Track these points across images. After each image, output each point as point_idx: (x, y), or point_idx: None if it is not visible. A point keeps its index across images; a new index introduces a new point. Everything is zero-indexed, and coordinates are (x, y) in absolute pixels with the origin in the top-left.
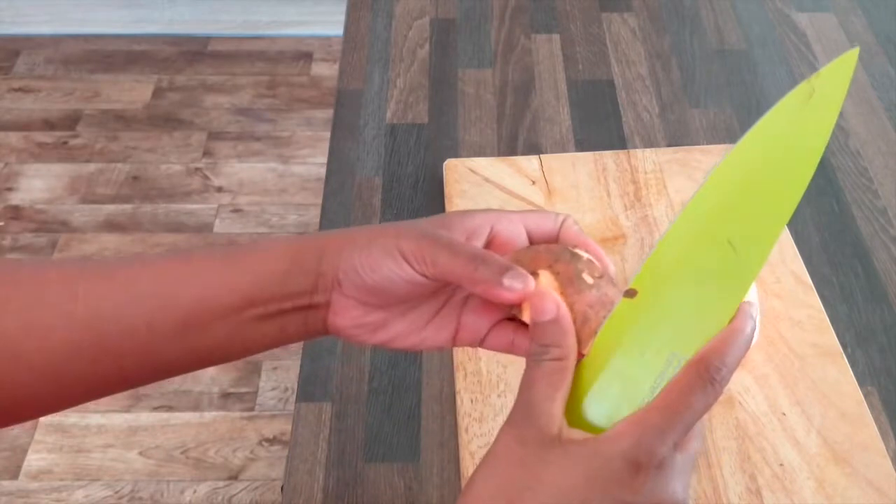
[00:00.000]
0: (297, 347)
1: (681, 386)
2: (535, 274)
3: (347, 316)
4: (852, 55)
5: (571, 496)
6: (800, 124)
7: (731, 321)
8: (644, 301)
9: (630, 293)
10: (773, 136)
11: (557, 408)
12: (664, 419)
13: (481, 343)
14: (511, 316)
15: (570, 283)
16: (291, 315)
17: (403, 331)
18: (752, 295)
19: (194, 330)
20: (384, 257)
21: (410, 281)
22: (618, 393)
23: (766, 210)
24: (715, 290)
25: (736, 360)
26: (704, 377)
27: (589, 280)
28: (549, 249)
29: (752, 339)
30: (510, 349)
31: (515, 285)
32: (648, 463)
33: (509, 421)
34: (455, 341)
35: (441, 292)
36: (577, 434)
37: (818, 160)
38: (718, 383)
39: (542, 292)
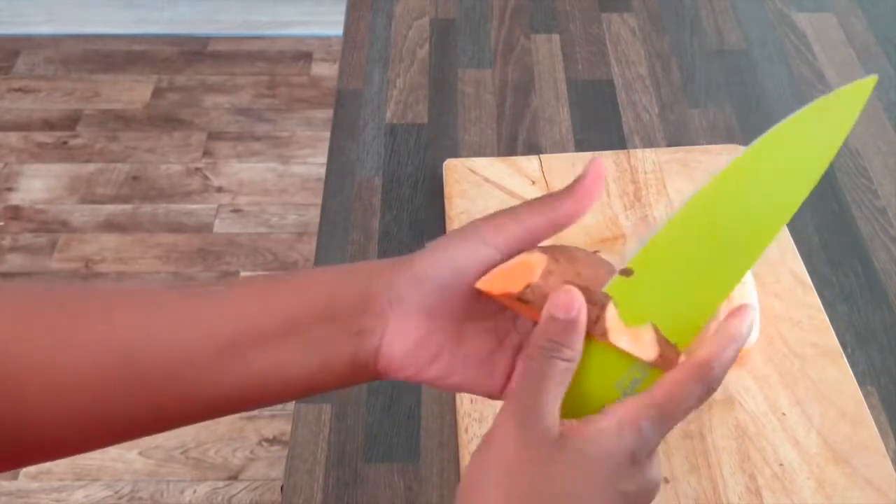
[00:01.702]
0: None
1: (680, 385)
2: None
3: (404, 340)
4: (870, 81)
5: (581, 494)
6: (810, 138)
7: (729, 322)
8: (637, 281)
9: (626, 272)
10: (783, 144)
11: (558, 409)
12: (662, 415)
13: None
14: None
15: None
16: (338, 344)
17: (457, 365)
18: (752, 295)
19: (234, 359)
20: (452, 245)
21: (480, 261)
22: (605, 372)
23: (765, 212)
24: (706, 281)
25: (731, 363)
26: (704, 380)
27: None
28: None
29: (743, 343)
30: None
31: (588, 174)
32: (644, 454)
33: (512, 410)
34: (507, 389)
35: (497, 328)
36: (569, 425)
37: (821, 174)
38: (713, 384)
39: (569, 289)
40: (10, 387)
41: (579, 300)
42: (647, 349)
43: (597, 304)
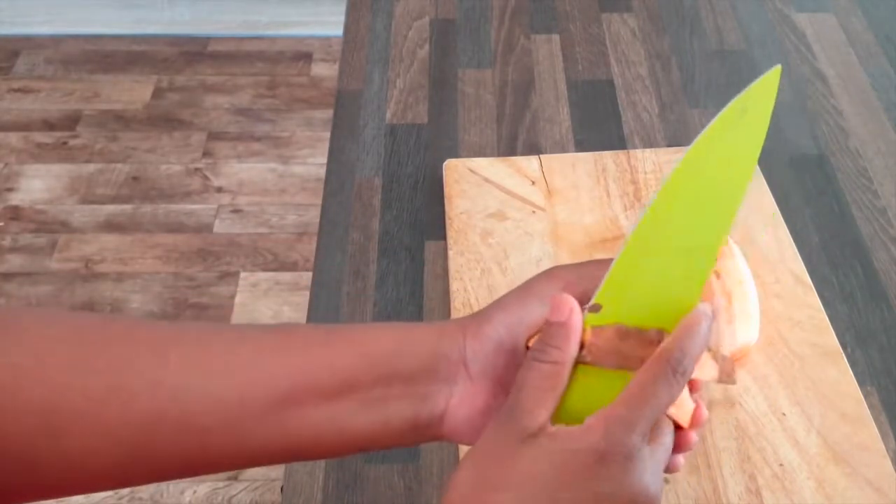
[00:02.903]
0: None
1: (645, 378)
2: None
3: (472, 406)
4: (776, 73)
5: (541, 489)
6: (736, 138)
7: (686, 317)
8: (607, 314)
9: (594, 308)
10: (712, 150)
11: (543, 410)
12: (630, 410)
13: None
14: None
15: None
16: (399, 405)
17: None
18: (752, 295)
19: (289, 411)
20: (519, 306)
21: (540, 320)
22: (594, 394)
23: (712, 216)
24: (672, 295)
25: (695, 352)
26: (667, 368)
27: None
28: None
29: (707, 335)
30: None
31: None
32: (617, 452)
33: (496, 416)
34: None
35: None
36: (554, 429)
37: (753, 168)
38: (681, 374)
39: (562, 296)
40: (58, 427)
41: (570, 304)
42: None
43: (652, 342)
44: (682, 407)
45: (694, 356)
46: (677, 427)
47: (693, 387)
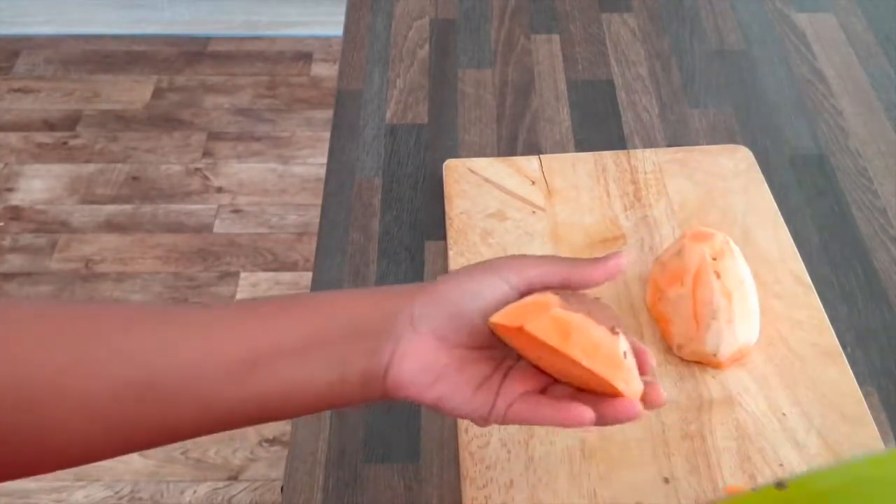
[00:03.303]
0: None
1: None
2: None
3: (414, 360)
4: None
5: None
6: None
7: None
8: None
9: (780, 485)
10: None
11: None
12: None
13: (506, 411)
14: (544, 388)
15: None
16: (355, 360)
17: (456, 388)
18: (753, 296)
19: (252, 371)
20: (476, 278)
21: (497, 297)
22: None
23: None
24: None
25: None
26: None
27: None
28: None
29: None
30: (532, 417)
31: (612, 258)
32: None
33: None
34: (491, 413)
35: (494, 356)
36: None
37: None
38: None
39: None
40: (28, 399)
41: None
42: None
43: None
44: (631, 384)
45: None
46: (615, 394)
47: (643, 369)
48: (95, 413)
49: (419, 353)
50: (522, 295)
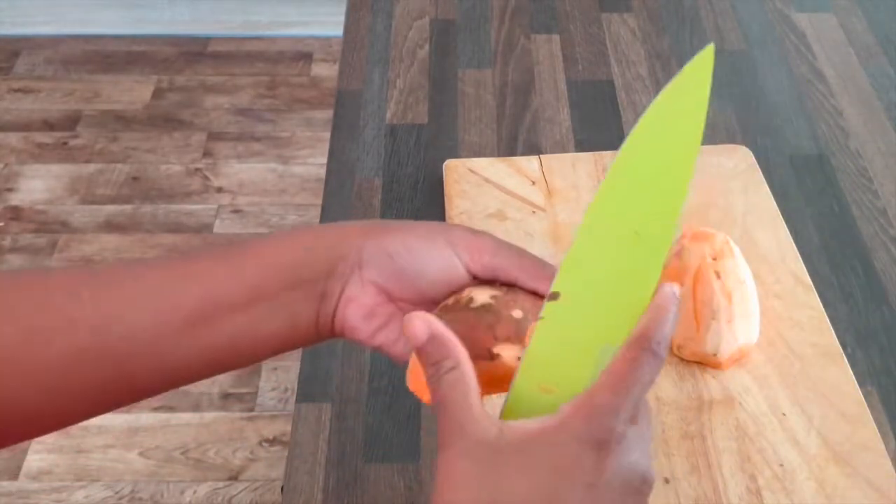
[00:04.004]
0: None
1: (626, 361)
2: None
3: (359, 306)
4: (709, 50)
5: (539, 493)
6: (676, 119)
7: (655, 295)
8: (567, 302)
9: (553, 296)
10: (654, 133)
11: (479, 411)
12: (615, 394)
13: None
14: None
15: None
16: (304, 307)
17: (398, 337)
18: (753, 295)
19: (202, 327)
20: (429, 243)
21: (445, 270)
22: (559, 389)
23: (662, 196)
24: (631, 279)
25: (669, 332)
26: (647, 350)
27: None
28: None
29: (677, 314)
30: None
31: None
32: (609, 440)
33: (442, 446)
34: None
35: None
36: (519, 425)
37: (698, 148)
38: (660, 354)
39: (409, 316)
40: None
41: (422, 319)
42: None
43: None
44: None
45: (669, 335)
46: None
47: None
48: (52, 383)
49: (364, 300)
50: (470, 275)
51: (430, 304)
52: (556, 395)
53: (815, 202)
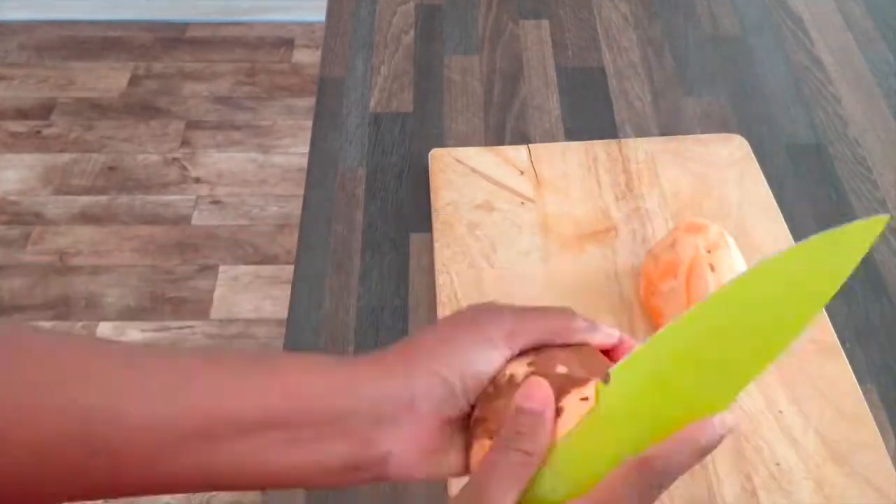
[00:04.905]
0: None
1: (617, 484)
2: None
3: (420, 446)
4: (881, 220)
5: None
6: (813, 270)
7: (690, 428)
8: (615, 390)
9: (605, 378)
10: (784, 272)
11: (509, 499)
12: None
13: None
14: None
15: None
16: (336, 444)
17: (459, 458)
18: None
19: (205, 443)
20: (471, 349)
21: (495, 365)
22: (568, 486)
23: (756, 344)
24: (686, 407)
25: (682, 468)
26: (644, 480)
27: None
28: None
29: (705, 453)
30: None
31: (610, 331)
32: None
33: (459, 499)
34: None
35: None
36: None
37: (821, 309)
38: (657, 489)
39: (538, 381)
40: None
41: (546, 392)
42: None
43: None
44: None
45: (680, 473)
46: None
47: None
48: (31, 462)
49: (425, 439)
50: (508, 357)
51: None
52: (565, 481)
53: (813, 192)
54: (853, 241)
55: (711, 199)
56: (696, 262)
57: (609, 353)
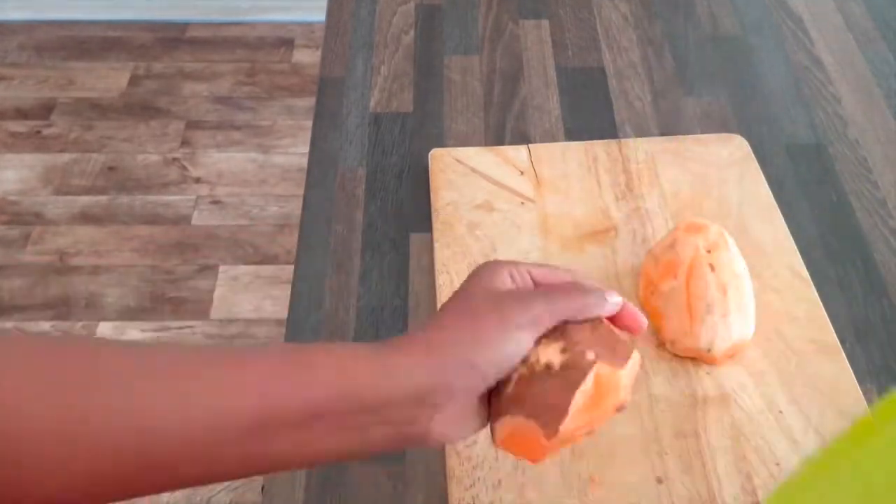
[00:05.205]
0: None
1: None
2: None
3: (459, 423)
4: None
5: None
6: None
7: None
8: None
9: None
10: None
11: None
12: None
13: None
14: None
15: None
16: (381, 428)
17: (478, 420)
18: (748, 289)
19: (258, 439)
20: (500, 337)
21: (524, 350)
22: None
23: None
24: None
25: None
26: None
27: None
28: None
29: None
30: None
31: (615, 299)
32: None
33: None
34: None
35: None
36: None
37: None
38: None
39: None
40: (13, 450)
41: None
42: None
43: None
44: (620, 392)
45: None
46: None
47: (633, 330)
48: (89, 471)
49: (465, 416)
50: (536, 338)
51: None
52: None
53: (813, 193)
54: None
55: (711, 199)
56: (696, 262)
57: (614, 320)
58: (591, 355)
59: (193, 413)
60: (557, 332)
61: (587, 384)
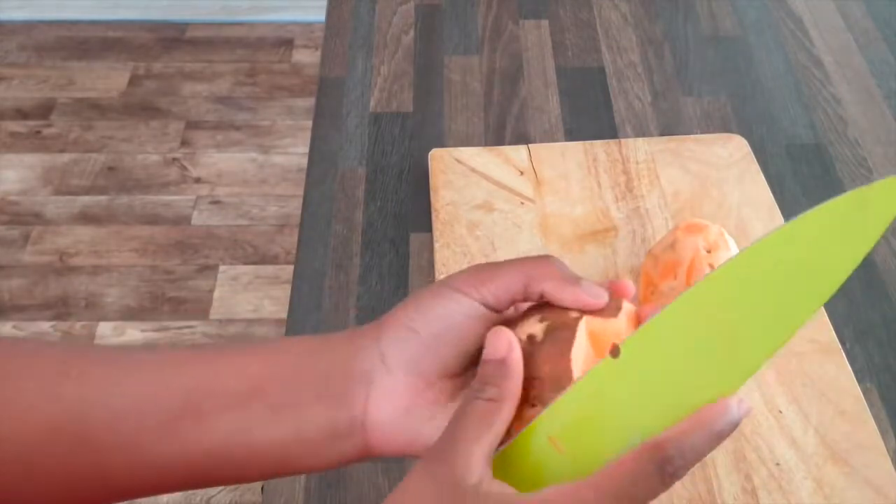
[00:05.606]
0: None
1: (626, 468)
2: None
3: (394, 403)
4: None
5: None
6: (840, 232)
7: (704, 410)
8: (624, 367)
9: (615, 352)
10: (809, 236)
11: (479, 453)
12: (598, 498)
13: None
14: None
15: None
16: (312, 409)
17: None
18: None
19: (188, 421)
20: (437, 298)
21: (467, 315)
22: (564, 461)
23: (780, 311)
24: (703, 379)
25: (697, 454)
26: (655, 465)
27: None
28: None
29: (722, 438)
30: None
31: (588, 288)
32: None
33: (428, 453)
34: None
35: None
36: (497, 487)
37: (848, 274)
38: (669, 476)
39: (497, 330)
40: None
41: (505, 338)
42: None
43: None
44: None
45: (695, 459)
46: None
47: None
48: (19, 459)
49: (400, 393)
50: (491, 307)
51: (458, 370)
52: (563, 455)
53: (813, 193)
54: (883, 198)
55: (711, 199)
56: (696, 262)
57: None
58: (574, 313)
59: (123, 391)
60: (534, 309)
61: (580, 341)
